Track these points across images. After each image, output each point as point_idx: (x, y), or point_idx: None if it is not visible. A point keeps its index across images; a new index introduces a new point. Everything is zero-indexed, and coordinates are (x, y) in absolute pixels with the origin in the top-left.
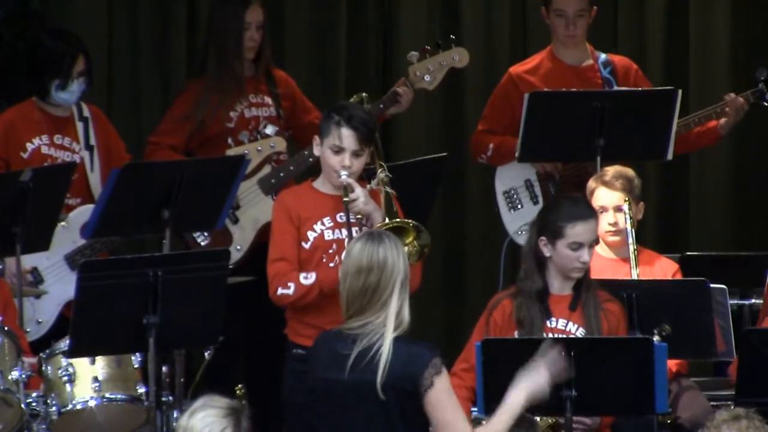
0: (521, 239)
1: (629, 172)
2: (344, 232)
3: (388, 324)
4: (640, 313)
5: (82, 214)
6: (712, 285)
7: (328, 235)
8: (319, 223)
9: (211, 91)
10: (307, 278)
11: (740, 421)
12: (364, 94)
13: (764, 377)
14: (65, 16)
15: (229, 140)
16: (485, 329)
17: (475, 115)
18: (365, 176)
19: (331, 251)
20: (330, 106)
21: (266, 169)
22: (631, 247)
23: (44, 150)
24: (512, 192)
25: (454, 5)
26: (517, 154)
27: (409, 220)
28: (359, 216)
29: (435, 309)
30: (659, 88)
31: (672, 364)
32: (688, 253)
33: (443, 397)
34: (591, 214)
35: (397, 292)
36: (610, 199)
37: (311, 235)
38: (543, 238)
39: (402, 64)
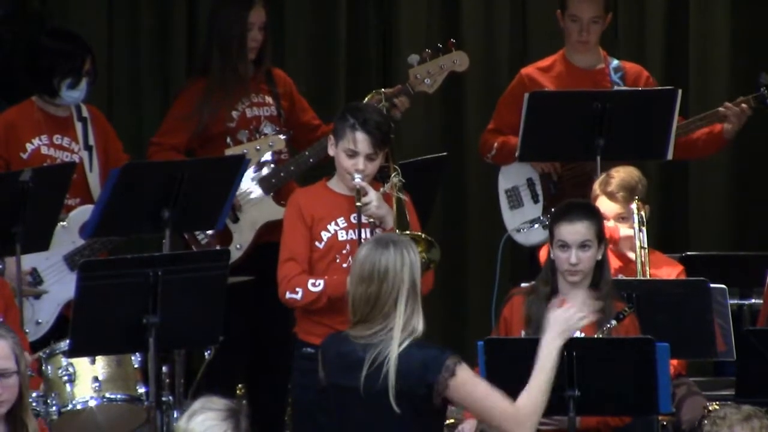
0: (520, 237)
1: (633, 179)
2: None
3: (395, 334)
4: (640, 313)
5: (81, 214)
6: (712, 285)
7: (342, 236)
8: (333, 223)
9: (214, 90)
10: (316, 285)
11: (752, 421)
12: (383, 90)
13: (764, 377)
14: (65, 16)
15: (228, 140)
16: (498, 325)
17: (475, 114)
18: (379, 177)
19: (344, 252)
20: (344, 106)
21: (267, 169)
22: (638, 249)
23: (44, 150)
24: (514, 190)
25: (454, 5)
26: (517, 154)
27: (422, 233)
28: (371, 219)
29: (435, 309)
30: (659, 87)
31: (672, 363)
32: (688, 253)
33: (469, 392)
34: (580, 217)
35: (402, 301)
36: (611, 209)
37: (325, 235)
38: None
39: (402, 64)
